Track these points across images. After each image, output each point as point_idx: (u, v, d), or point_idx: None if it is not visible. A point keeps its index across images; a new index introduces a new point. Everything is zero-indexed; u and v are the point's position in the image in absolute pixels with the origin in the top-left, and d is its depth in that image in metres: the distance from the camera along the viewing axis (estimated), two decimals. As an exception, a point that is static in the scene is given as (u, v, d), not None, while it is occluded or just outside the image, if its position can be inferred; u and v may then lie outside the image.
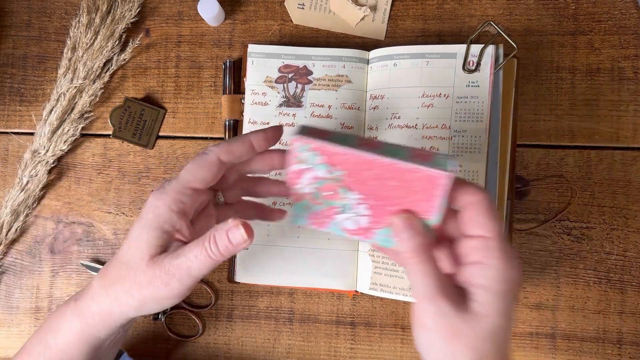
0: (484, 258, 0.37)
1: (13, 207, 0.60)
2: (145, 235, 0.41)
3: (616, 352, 0.56)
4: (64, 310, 0.45)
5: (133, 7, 0.60)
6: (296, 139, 0.39)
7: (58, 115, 0.59)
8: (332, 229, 0.43)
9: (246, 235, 0.40)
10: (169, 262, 0.41)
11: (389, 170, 0.38)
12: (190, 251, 0.41)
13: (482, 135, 0.53)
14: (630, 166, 0.57)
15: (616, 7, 0.58)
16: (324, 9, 0.60)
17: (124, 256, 0.42)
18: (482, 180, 0.53)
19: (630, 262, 0.57)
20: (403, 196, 0.39)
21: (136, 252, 0.42)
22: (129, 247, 0.42)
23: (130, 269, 0.42)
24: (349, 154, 0.38)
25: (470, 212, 0.38)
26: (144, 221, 0.42)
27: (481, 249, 0.38)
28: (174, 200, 0.41)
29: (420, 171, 0.37)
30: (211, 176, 0.42)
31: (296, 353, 0.59)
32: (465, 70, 0.54)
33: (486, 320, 0.37)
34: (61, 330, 0.44)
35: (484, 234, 0.38)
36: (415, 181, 0.38)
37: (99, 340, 0.45)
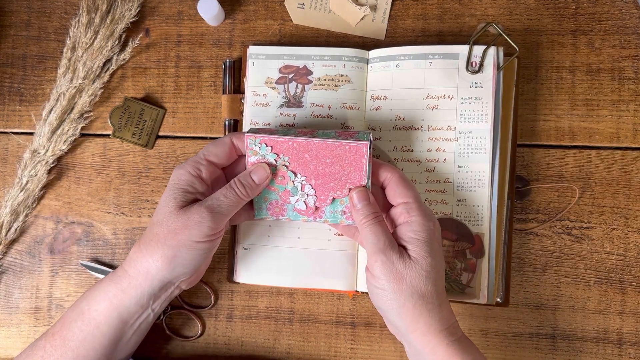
0: (408, 217, 0.48)
1: (13, 207, 0.59)
2: (171, 195, 0.48)
3: (616, 353, 0.56)
4: (103, 280, 0.50)
5: (133, 6, 0.59)
6: (248, 135, 0.48)
7: (58, 115, 0.59)
8: (289, 215, 0.52)
9: (268, 171, 0.49)
10: (199, 206, 0.47)
11: (323, 149, 0.48)
12: (220, 194, 0.48)
13: (487, 136, 0.53)
14: (631, 166, 0.57)
15: (616, 7, 0.58)
16: (324, 9, 0.60)
17: (155, 218, 0.48)
18: (487, 180, 0.53)
19: (630, 262, 0.57)
20: (338, 171, 0.49)
21: (165, 208, 0.48)
22: (159, 210, 0.48)
23: (162, 224, 0.47)
24: (289, 140, 0.48)
25: (390, 187, 0.49)
26: (169, 187, 0.49)
27: (405, 212, 0.48)
28: (192, 167, 0.49)
29: (347, 144, 0.47)
30: (224, 153, 0.50)
31: (296, 353, 0.59)
32: (469, 71, 0.54)
33: (420, 262, 0.46)
34: (96, 298, 0.49)
35: (404, 201, 0.48)
36: (345, 154, 0.48)
37: (129, 312, 0.49)
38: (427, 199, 0.54)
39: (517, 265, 0.57)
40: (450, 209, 0.54)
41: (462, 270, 0.53)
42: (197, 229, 0.47)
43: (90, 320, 0.48)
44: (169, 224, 0.47)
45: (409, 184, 0.49)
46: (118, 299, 0.48)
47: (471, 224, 0.53)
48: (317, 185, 0.50)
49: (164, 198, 0.48)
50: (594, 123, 0.58)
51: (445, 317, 0.46)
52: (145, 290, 0.48)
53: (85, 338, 0.48)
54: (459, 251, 0.53)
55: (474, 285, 0.53)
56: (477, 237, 0.53)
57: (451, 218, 0.54)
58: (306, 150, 0.48)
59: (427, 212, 0.48)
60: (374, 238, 0.47)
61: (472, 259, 0.53)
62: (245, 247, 0.57)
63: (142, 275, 0.48)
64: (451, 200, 0.54)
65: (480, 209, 0.53)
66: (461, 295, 0.53)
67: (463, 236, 0.53)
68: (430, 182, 0.54)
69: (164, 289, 0.50)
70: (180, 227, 0.47)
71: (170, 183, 0.49)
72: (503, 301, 0.55)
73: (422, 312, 0.46)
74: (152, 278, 0.48)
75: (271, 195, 0.51)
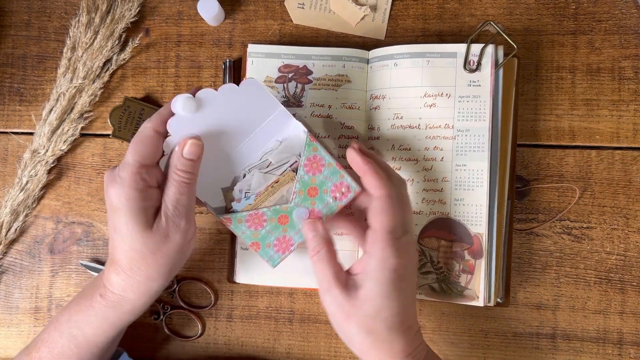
0: (370, 248, 0.45)
1: (13, 207, 0.59)
2: (131, 221, 0.44)
3: (617, 353, 0.56)
4: (88, 305, 0.47)
5: (133, 6, 0.59)
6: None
7: (58, 115, 0.59)
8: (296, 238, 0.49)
9: (199, 142, 0.46)
10: (164, 215, 0.45)
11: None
12: (172, 194, 0.45)
13: (484, 134, 0.53)
14: (631, 166, 0.57)
15: (616, 7, 0.58)
16: (324, 9, 0.60)
17: (124, 245, 0.45)
18: (485, 179, 0.53)
19: (630, 262, 0.57)
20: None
21: (135, 236, 0.44)
22: (124, 238, 0.45)
23: (143, 249, 0.44)
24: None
25: (371, 205, 0.46)
26: (121, 212, 0.44)
27: (370, 240, 0.45)
28: (135, 181, 0.44)
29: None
30: (154, 150, 0.45)
31: (296, 353, 0.59)
32: (466, 69, 0.54)
33: (369, 303, 0.44)
34: (92, 324, 0.47)
35: (374, 226, 0.45)
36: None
37: (128, 323, 0.49)
38: (425, 198, 0.54)
39: (517, 265, 0.57)
40: (448, 209, 0.54)
41: (460, 272, 0.53)
42: (179, 235, 0.45)
43: (87, 343, 0.48)
44: (150, 247, 0.45)
45: (391, 209, 0.45)
46: (121, 320, 0.48)
47: (470, 224, 0.53)
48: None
49: (121, 222, 0.44)
50: (594, 123, 0.58)
51: (399, 350, 0.45)
52: (147, 304, 0.48)
53: (82, 357, 0.48)
54: (457, 252, 0.53)
55: (472, 287, 0.53)
56: (476, 237, 0.53)
57: (449, 218, 0.54)
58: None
59: (394, 247, 0.44)
60: (320, 276, 0.46)
61: (471, 260, 0.53)
62: (244, 247, 0.57)
63: (146, 295, 0.47)
64: (449, 200, 0.54)
65: (478, 209, 0.53)
66: (460, 298, 0.53)
67: (461, 237, 0.53)
68: (427, 181, 0.54)
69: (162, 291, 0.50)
70: (163, 245, 0.45)
71: (118, 206, 0.44)
72: (503, 301, 0.55)
73: (370, 348, 0.45)
74: (155, 294, 0.48)
75: (271, 236, 0.49)
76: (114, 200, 0.44)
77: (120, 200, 0.44)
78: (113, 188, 0.44)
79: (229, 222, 0.49)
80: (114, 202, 0.44)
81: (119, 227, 0.45)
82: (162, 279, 0.46)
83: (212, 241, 0.60)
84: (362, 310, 0.44)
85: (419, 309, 0.58)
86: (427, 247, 0.54)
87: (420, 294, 0.54)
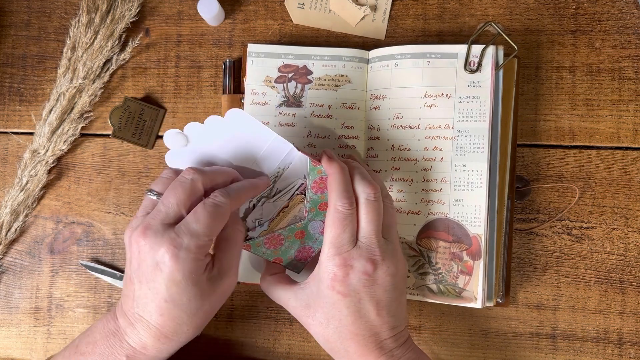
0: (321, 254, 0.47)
1: (13, 207, 0.59)
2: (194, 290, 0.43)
3: (617, 353, 0.56)
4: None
5: (133, 6, 0.59)
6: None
7: (58, 115, 0.59)
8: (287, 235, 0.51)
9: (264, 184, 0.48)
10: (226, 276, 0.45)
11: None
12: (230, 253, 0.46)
13: (484, 134, 0.53)
14: (631, 166, 0.57)
15: (617, 7, 0.58)
16: (324, 9, 0.60)
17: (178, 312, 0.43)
18: (485, 180, 0.53)
19: (630, 262, 0.57)
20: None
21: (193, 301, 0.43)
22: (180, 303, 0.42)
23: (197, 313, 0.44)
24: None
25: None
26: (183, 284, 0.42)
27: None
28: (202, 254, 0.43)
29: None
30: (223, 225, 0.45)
31: (296, 353, 0.59)
32: (467, 70, 0.54)
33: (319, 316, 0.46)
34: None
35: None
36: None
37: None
38: (424, 198, 0.54)
39: (517, 265, 0.57)
40: (447, 209, 0.54)
41: (459, 273, 0.53)
42: (229, 293, 0.47)
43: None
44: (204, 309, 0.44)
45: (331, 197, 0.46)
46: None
47: (468, 224, 0.53)
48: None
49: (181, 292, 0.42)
50: (594, 123, 0.58)
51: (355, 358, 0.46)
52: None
53: None
54: (456, 253, 0.53)
55: (470, 289, 0.53)
56: (475, 238, 0.53)
57: (448, 219, 0.53)
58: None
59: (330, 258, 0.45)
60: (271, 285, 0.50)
61: (469, 261, 0.53)
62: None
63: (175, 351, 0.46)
64: (448, 200, 0.54)
65: (477, 210, 0.53)
66: (458, 299, 0.53)
67: (460, 237, 0.53)
68: (427, 181, 0.54)
69: None
70: (216, 305, 0.46)
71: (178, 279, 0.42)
72: (503, 301, 0.55)
73: (328, 353, 0.47)
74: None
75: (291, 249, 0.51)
76: (176, 275, 0.42)
77: (183, 274, 0.42)
78: (175, 262, 0.41)
79: (249, 249, 0.50)
80: (175, 276, 0.42)
81: (176, 297, 0.42)
82: (196, 335, 0.46)
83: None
84: (315, 321, 0.46)
85: (419, 309, 0.58)
86: (425, 247, 0.54)
87: (418, 295, 0.54)
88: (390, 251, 0.46)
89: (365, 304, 0.45)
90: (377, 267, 0.45)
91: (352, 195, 0.46)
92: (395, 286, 0.46)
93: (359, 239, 0.46)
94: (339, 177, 0.46)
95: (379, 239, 0.46)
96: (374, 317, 0.45)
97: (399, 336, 0.46)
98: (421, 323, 0.58)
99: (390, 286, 0.46)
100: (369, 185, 0.46)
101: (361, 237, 0.46)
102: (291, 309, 0.48)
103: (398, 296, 0.47)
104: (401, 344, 0.46)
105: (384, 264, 0.45)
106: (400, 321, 0.47)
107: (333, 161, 0.47)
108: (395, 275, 0.46)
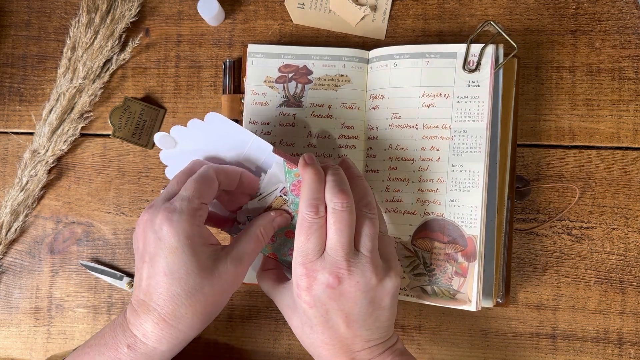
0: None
1: (13, 207, 0.59)
2: (192, 259, 0.42)
3: (617, 353, 0.56)
4: (114, 357, 0.43)
5: (133, 6, 0.59)
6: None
7: (58, 115, 0.59)
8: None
9: (288, 217, 0.49)
10: (229, 264, 0.44)
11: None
12: (245, 244, 0.45)
13: (482, 135, 0.53)
14: (631, 166, 0.57)
15: (617, 7, 0.58)
16: (324, 9, 0.60)
17: (176, 288, 0.42)
18: (482, 181, 0.53)
19: (630, 262, 0.57)
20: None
21: (191, 276, 0.42)
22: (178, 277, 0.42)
23: (195, 294, 0.42)
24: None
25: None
26: (180, 250, 0.42)
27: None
28: (197, 218, 0.43)
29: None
30: (214, 194, 0.45)
31: (296, 353, 0.59)
32: (465, 70, 0.54)
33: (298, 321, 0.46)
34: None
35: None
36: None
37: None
38: (420, 198, 0.54)
39: (517, 265, 0.57)
40: (443, 210, 0.53)
41: (453, 275, 0.52)
42: (235, 287, 0.45)
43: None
44: (204, 291, 0.42)
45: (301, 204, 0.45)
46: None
47: (464, 225, 0.53)
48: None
49: (179, 262, 0.42)
50: (594, 123, 0.58)
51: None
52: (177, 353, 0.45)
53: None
54: (451, 254, 0.53)
55: (465, 291, 0.52)
56: (470, 239, 0.52)
57: (443, 219, 0.53)
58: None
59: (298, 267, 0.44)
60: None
61: (464, 262, 0.52)
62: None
63: (179, 347, 0.44)
64: (444, 200, 0.53)
65: (474, 210, 0.52)
66: (452, 301, 0.52)
67: (455, 238, 0.53)
68: (423, 181, 0.54)
69: None
70: (218, 292, 0.43)
71: (175, 245, 0.42)
72: (503, 301, 0.55)
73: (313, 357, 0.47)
74: (186, 342, 0.45)
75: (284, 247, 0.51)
76: (171, 240, 0.42)
77: (178, 239, 0.42)
78: (169, 227, 0.42)
79: None
80: (170, 242, 0.42)
81: (174, 268, 0.42)
82: (200, 329, 0.44)
83: (212, 241, 0.60)
84: (297, 329, 0.46)
85: (419, 310, 0.58)
86: (420, 248, 0.54)
87: (412, 296, 0.54)
88: (362, 265, 0.44)
89: (333, 315, 0.44)
90: (342, 282, 0.43)
91: (320, 204, 0.44)
92: (371, 301, 0.44)
93: (326, 250, 0.44)
94: (309, 183, 0.45)
95: (346, 251, 0.43)
96: (344, 329, 0.44)
97: (375, 348, 0.45)
98: (421, 323, 0.58)
99: (362, 300, 0.44)
100: (339, 195, 0.44)
101: (328, 248, 0.44)
102: (278, 307, 0.48)
103: (375, 310, 0.44)
104: (378, 354, 0.45)
105: (351, 278, 0.43)
106: (379, 334, 0.45)
107: (307, 166, 0.45)
108: (367, 291, 0.43)
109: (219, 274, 0.43)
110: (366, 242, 0.45)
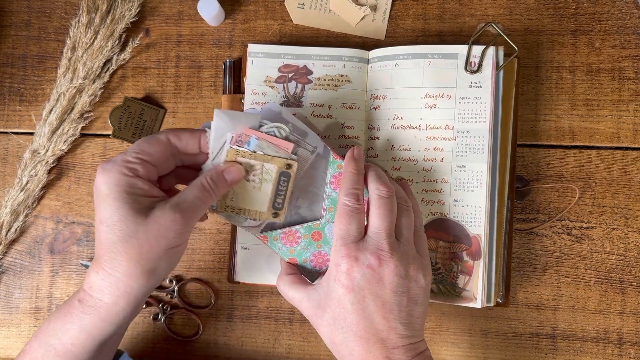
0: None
1: (13, 207, 0.59)
2: (121, 205, 0.42)
3: (617, 353, 0.56)
4: (67, 311, 0.43)
5: (133, 6, 0.59)
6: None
7: (58, 115, 0.59)
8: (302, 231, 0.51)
9: (243, 172, 0.46)
10: (166, 209, 0.42)
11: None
12: (188, 192, 0.44)
13: (485, 135, 0.53)
14: (631, 166, 0.57)
15: (616, 7, 0.58)
16: (324, 9, 0.60)
17: (111, 234, 0.42)
18: (485, 181, 0.53)
19: (630, 262, 0.57)
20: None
21: (123, 221, 0.41)
22: (112, 225, 0.41)
23: (129, 239, 0.41)
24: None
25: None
26: (109, 197, 0.42)
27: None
28: (125, 167, 0.43)
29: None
30: (159, 152, 0.44)
31: (296, 353, 0.59)
32: (467, 71, 0.54)
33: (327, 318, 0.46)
34: (69, 332, 0.43)
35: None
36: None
37: (110, 335, 0.44)
38: (424, 198, 0.54)
39: (517, 265, 0.57)
40: (447, 210, 0.54)
41: (458, 273, 0.53)
42: (172, 234, 0.42)
43: (65, 353, 0.43)
44: (139, 236, 0.41)
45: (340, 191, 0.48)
46: (98, 328, 0.43)
47: (468, 225, 0.53)
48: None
49: (110, 208, 0.42)
50: (594, 123, 0.58)
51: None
52: (127, 312, 0.43)
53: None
54: (456, 253, 0.53)
55: (470, 289, 0.53)
56: (475, 238, 0.53)
57: (448, 219, 0.54)
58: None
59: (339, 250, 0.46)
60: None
61: (469, 261, 0.53)
62: (244, 246, 0.57)
63: (124, 300, 0.42)
64: (448, 201, 0.54)
65: (477, 210, 0.53)
66: (458, 299, 0.53)
67: (460, 238, 0.53)
68: (427, 181, 0.54)
69: (144, 299, 0.45)
70: (153, 237, 0.42)
71: (106, 192, 0.42)
72: (503, 301, 0.55)
73: (335, 356, 0.47)
74: (134, 299, 0.43)
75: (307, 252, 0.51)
76: (102, 187, 0.42)
77: (108, 186, 0.42)
78: (101, 176, 0.42)
79: (266, 240, 0.50)
80: (102, 190, 0.42)
81: (107, 215, 0.42)
82: (143, 278, 0.42)
83: (212, 241, 0.60)
84: (326, 323, 0.46)
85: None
86: (426, 247, 0.54)
87: None
88: (402, 252, 0.46)
89: (369, 302, 0.44)
90: (383, 264, 0.45)
91: (360, 193, 0.47)
92: (405, 292, 0.45)
93: (367, 234, 0.46)
94: (350, 174, 0.48)
95: (388, 234, 0.46)
96: (379, 320, 0.44)
97: (410, 347, 0.44)
98: (421, 323, 0.58)
99: (398, 289, 0.45)
100: (383, 184, 0.47)
101: (370, 232, 0.46)
102: (304, 310, 0.48)
103: (409, 303, 0.45)
104: (412, 356, 0.44)
105: (391, 261, 0.45)
106: (413, 331, 0.45)
107: (353, 160, 0.48)
108: (404, 278, 0.45)
109: (154, 218, 0.42)
110: (404, 232, 0.48)
